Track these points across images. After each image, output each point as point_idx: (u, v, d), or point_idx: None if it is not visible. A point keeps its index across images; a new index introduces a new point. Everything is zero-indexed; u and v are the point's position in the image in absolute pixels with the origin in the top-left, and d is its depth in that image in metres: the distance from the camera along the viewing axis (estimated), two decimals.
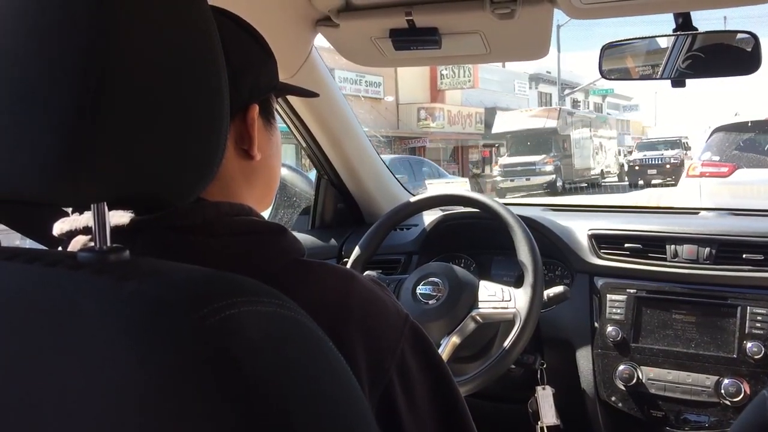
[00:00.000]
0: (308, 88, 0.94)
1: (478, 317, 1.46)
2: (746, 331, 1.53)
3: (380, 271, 1.74)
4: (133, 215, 0.64)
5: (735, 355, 1.52)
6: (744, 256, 1.60)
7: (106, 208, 0.54)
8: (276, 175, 0.84)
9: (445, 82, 25.89)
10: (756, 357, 1.49)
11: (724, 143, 6.64)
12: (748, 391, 1.49)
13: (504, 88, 31.43)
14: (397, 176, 2.24)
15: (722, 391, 1.50)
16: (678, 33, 1.37)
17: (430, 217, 1.98)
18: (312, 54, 1.67)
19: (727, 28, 1.44)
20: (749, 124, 6.74)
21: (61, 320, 0.47)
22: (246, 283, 0.49)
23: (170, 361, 0.42)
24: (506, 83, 31.77)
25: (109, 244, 0.53)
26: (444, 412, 0.72)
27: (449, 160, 27.70)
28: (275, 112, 0.84)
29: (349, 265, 1.66)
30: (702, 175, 6.49)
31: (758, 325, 1.52)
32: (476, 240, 1.91)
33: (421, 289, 1.53)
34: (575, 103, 40.91)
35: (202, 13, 0.54)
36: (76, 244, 0.67)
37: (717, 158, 6.51)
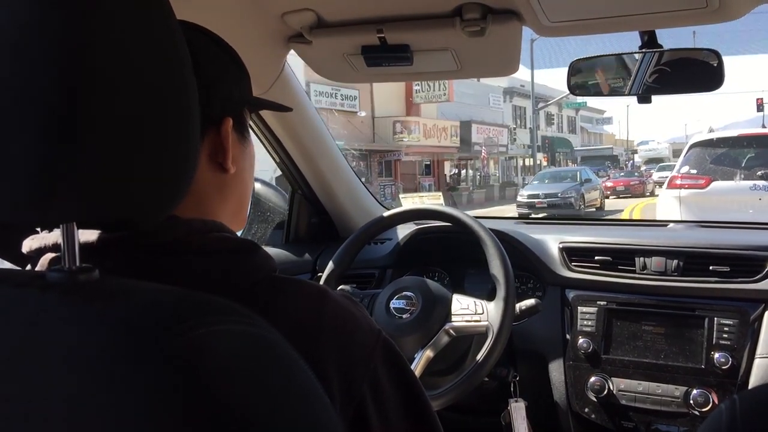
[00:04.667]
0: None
1: (451, 330, 1.47)
2: (713, 342, 1.55)
3: (354, 285, 1.75)
4: (103, 233, 0.64)
5: (703, 366, 1.55)
6: (711, 267, 1.63)
7: (75, 228, 0.53)
8: (249, 189, 0.84)
9: (420, 96, 25.95)
10: (723, 367, 1.51)
11: (701, 158, 7.21)
12: (716, 401, 1.52)
13: (479, 101, 31.61)
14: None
15: (691, 402, 1.53)
16: (644, 51, 1.40)
17: (404, 231, 1.99)
18: (285, 70, 1.68)
19: (692, 46, 1.46)
20: (723, 141, 7.40)
21: (32, 342, 0.47)
22: (215, 302, 0.49)
23: (140, 382, 0.42)
24: (481, 97, 31.97)
25: (78, 263, 0.53)
26: (416, 426, 0.72)
27: (423, 173, 27.77)
28: (249, 127, 0.84)
29: (323, 280, 1.66)
30: (681, 186, 7.04)
31: (725, 335, 1.54)
32: (450, 254, 1.92)
33: (394, 304, 1.53)
34: (549, 117, 41.18)
35: (172, 32, 0.53)
36: (45, 261, 0.66)
37: (694, 171, 7.10)
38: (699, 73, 1.42)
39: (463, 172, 30.93)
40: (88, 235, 0.63)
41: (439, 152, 28.28)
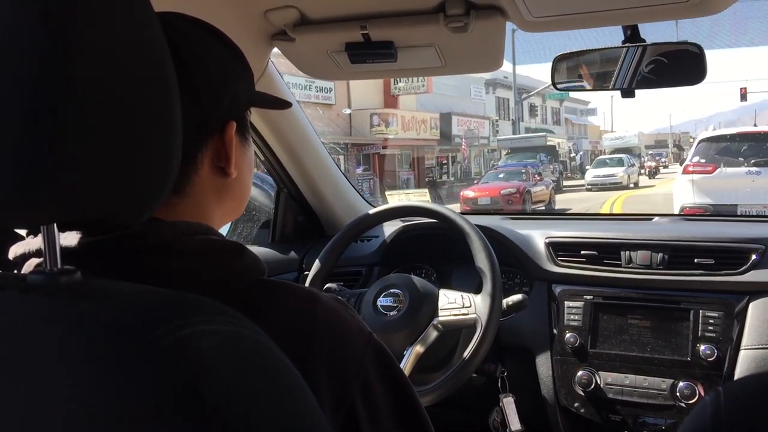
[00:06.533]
0: None
1: (439, 325, 1.47)
2: (699, 334, 1.56)
3: (341, 283, 1.74)
4: (87, 236, 0.63)
5: (689, 358, 1.56)
6: (695, 260, 1.64)
7: (56, 230, 0.53)
8: (248, 190, 0.83)
9: (398, 87, 25.53)
10: (709, 359, 1.53)
11: (708, 150, 9.47)
12: (702, 393, 1.53)
13: (460, 92, 31.29)
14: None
15: (677, 394, 1.54)
16: (627, 45, 1.41)
17: (390, 228, 1.99)
18: (268, 68, 1.67)
19: (674, 39, 1.47)
20: (725, 137, 9.95)
21: (13, 345, 0.46)
22: (200, 302, 0.49)
23: (125, 384, 0.42)
24: (462, 88, 31.61)
25: (59, 266, 0.53)
26: (407, 428, 0.72)
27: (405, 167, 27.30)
28: (249, 127, 0.83)
29: (309, 279, 1.65)
30: (693, 172, 9.27)
31: (710, 328, 1.56)
32: (437, 250, 1.92)
33: (381, 301, 1.53)
34: (533, 109, 41.12)
35: (152, 33, 0.53)
36: (29, 267, 0.66)
37: (703, 160, 9.34)
38: (682, 66, 1.43)
39: (445, 165, 30.53)
40: (72, 239, 0.63)
41: (419, 145, 27.83)
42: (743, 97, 26.31)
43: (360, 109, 24.82)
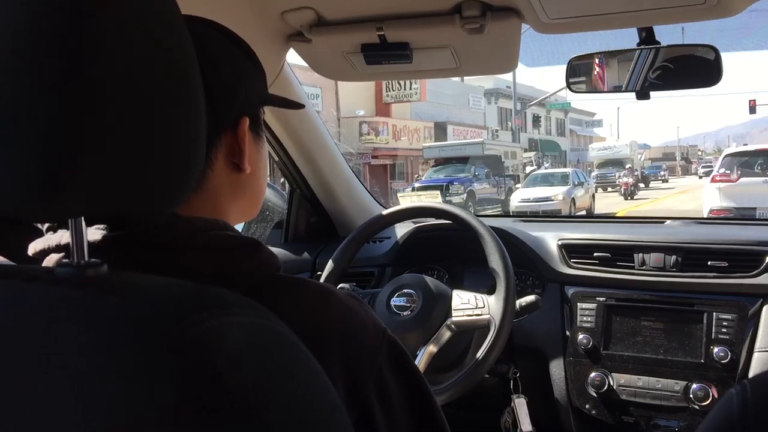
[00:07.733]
0: None
1: (453, 325, 1.48)
2: (712, 337, 1.56)
3: (354, 284, 1.75)
4: (107, 231, 0.64)
5: (702, 360, 1.56)
6: (709, 263, 1.64)
7: (83, 223, 0.53)
8: (263, 188, 0.84)
9: (390, 95, 24.62)
10: (723, 361, 1.53)
11: (731, 163, 11.27)
12: (716, 395, 1.53)
13: (457, 101, 30.20)
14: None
15: (691, 396, 1.54)
16: (642, 47, 1.42)
17: (402, 229, 2.00)
18: (284, 69, 1.68)
19: (687, 41, 1.47)
20: (745, 153, 11.92)
21: (40, 336, 0.47)
22: (225, 295, 0.49)
23: (151, 375, 0.42)
24: (460, 97, 30.51)
25: (86, 258, 0.53)
26: (422, 425, 0.72)
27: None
28: (263, 125, 0.84)
29: (322, 279, 1.66)
30: (720, 181, 11.16)
31: (724, 330, 1.56)
32: (449, 251, 1.93)
33: (395, 301, 1.54)
34: (536, 119, 40.76)
35: (178, 28, 0.54)
36: (49, 262, 0.66)
37: (728, 172, 11.16)
38: (697, 68, 1.43)
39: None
40: (90, 233, 0.63)
41: (412, 155, 26.93)
42: (752, 109, 26.08)
43: (349, 117, 24.06)
